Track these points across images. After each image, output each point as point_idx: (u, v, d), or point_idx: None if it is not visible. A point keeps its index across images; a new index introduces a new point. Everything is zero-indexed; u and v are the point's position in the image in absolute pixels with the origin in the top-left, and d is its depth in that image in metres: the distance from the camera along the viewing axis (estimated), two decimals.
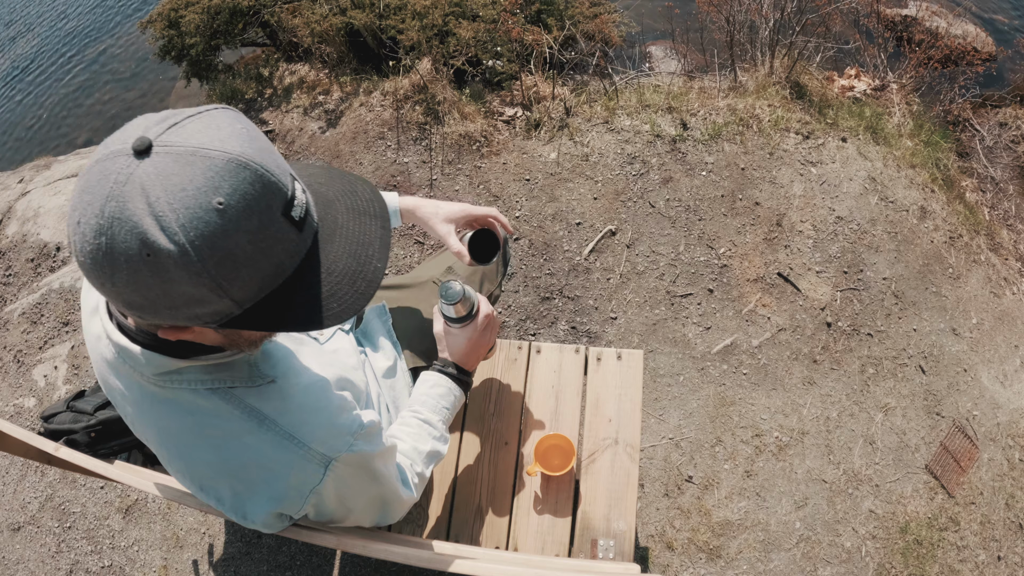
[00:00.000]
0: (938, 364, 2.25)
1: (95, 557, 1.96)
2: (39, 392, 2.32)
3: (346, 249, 0.65)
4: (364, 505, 0.89)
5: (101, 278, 0.54)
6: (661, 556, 1.89)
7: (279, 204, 0.57)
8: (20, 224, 2.89)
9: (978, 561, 1.94)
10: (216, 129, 0.55)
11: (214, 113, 0.56)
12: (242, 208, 0.53)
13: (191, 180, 0.52)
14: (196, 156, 0.52)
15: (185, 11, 3.06)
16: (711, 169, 2.62)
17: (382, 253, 0.67)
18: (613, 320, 2.30)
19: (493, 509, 1.32)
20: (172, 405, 0.74)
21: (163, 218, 0.51)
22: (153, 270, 0.53)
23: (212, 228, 0.52)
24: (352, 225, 0.67)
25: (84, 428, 1.27)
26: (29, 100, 4.43)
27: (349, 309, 0.64)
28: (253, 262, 0.56)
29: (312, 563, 1.88)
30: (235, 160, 0.53)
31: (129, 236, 0.51)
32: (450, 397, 1.10)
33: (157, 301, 0.56)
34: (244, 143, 0.55)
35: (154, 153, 0.52)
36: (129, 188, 0.51)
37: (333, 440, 0.77)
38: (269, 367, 0.77)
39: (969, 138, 3.16)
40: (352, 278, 0.64)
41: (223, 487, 0.78)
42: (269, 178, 0.55)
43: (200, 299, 0.56)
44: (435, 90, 2.83)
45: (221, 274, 0.54)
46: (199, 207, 0.52)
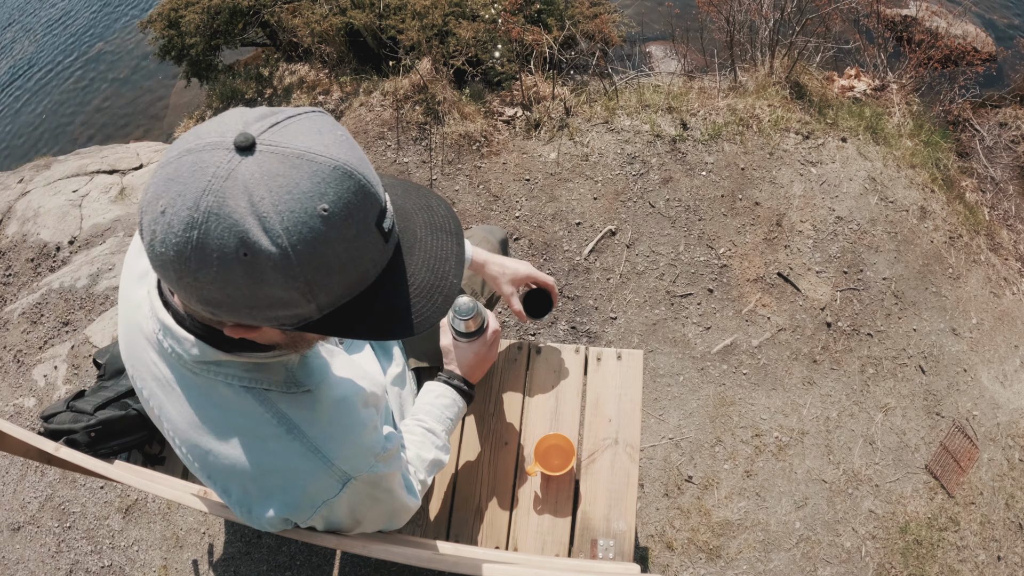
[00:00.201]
0: (938, 364, 2.25)
1: (95, 557, 1.96)
2: (39, 392, 2.32)
3: (425, 263, 0.65)
4: (374, 517, 0.89)
5: (182, 272, 0.53)
6: (661, 556, 1.89)
7: (374, 215, 0.56)
8: (20, 224, 2.89)
9: (978, 561, 1.94)
10: (319, 134, 0.54)
11: (313, 117, 0.56)
12: (344, 216, 0.53)
13: (297, 184, 0.51)
14: (303, 160, 0.52)
15: (185, 11, 3.06)
16: (711, 169, 2.62)
17: (458, 270, 0.67)
18: (613, 320, 2.30)
19: (493, 509, 1.32)
20: (203, 394, 0.73)
21: (267, 219, 0.50)
22: (247, 270, 0.52)
23: (315, 234, 0.52)
24: (430, 240, 0.67)
25: (84, 428, 1.27)
26: (29, 100, 4.43)
27: (425, 322, 0.64)
28: (344, 270, 0.56)
29: (312, 563, 1.88)
30: (341, 168, 0.53)
31: (226, 233, 0.50)
32: (454, 408, 1.12)
33: (240, 301, 0.55)
34: (347, 151, 0.55)
35: (258, 151, 0.51)
36: (231, 184, 0.50)
37: (357, 460, 0.77)
38: (305, 375, 0.77)
39: (969, 138, 3.16)
40: (430, 292, 0.64)
41: (234, 483, 0.78)
42: (369, 188, 0.55)
43: (287, 303, 0.55)
44: (435, 90, 2.83)
45: (315, 280, 0.54)
46: (304, 212, 0.51)
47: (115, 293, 2.54)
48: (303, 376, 0.77)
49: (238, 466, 0.75)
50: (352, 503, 0.81)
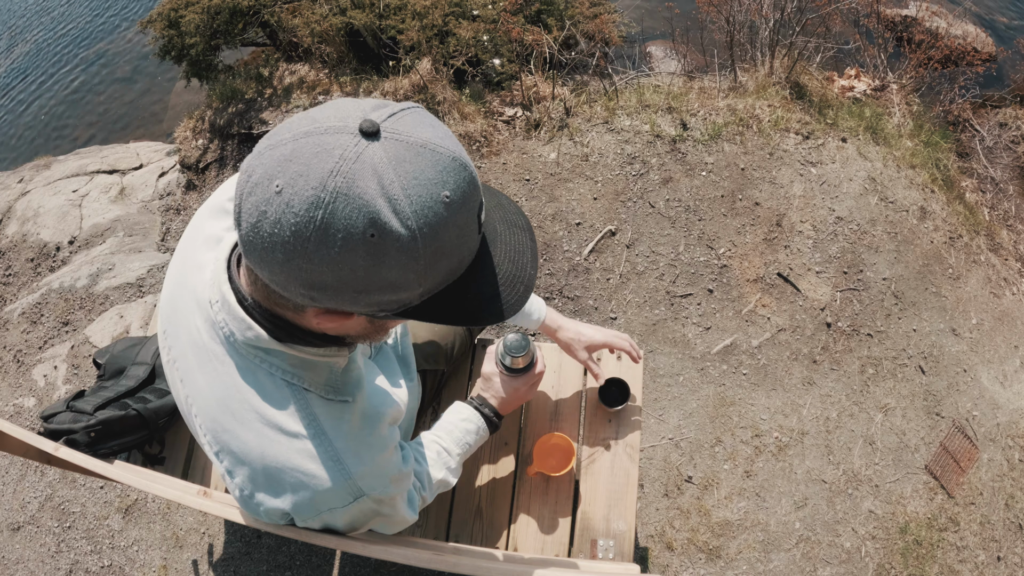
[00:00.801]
0: (938, 364, 2.25)
1: (95, 557, 1.96)
2: (39, 392, 2.32)
3: (506, 255, 0.68)
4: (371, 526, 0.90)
5: (294, 253, 0.53)
6: (661, 556, 1.89)
7: (477, 206, 0.59)
8: (20, 224, 2.89)
9: (978, 561, 1.94)
10: (432, 127, 0.56)
11: (421, 111, 0.58)
12: (460, 204, 0.56)
13: (423, 171, 0.53)
14: (426, 149, 0.54)
15: (185, 11, 3.06)
16: (711, 169, 2.62)
17: (534, 262, 0.70)
18: (613, 320, 2.30)
19: (493, 509, 1.32)
20: (243, 375, 0.73)
21: (397, 201, 0.52)
22: (371, 251, 0.53)
23: (439, 219, 0.54)
24: (507, 234, 0.70)
25: (84, 428, 1.27)
26: (29, 100, 4.43)
27: (511, 308, 0.67)
28: (452, 255, 0.58)
29: (312, 563, 1.88)
30: (458, 160, 0.56)
31: (355, 214, 0.51)
32: (476, 435, 1.12)
33: (351, 284, 0.55)
34: (458, 146, 0.58)
35: (384, 138, 0.53)
36: (359, 167, 0.51)
37: (374, 479, 0.78)
38: (345, 382, 0.78)
39: (969, 138, 3.16)
40: (512, 281, 0.67)
41: (243, 467, 0.76)
42: (477, 182, 0.59)
43: (399, 286, 0.57)
44: (435, 90, 2.83)
45: (431, 263, 0.56)
46: (430, 197, 0.53)
47: (115, 293, 2.54)
48: (344, 382, 0.77)
49: (255, 453, 0.75)
50: (355, 515, 0.81)
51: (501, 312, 0.66)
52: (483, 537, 1.30)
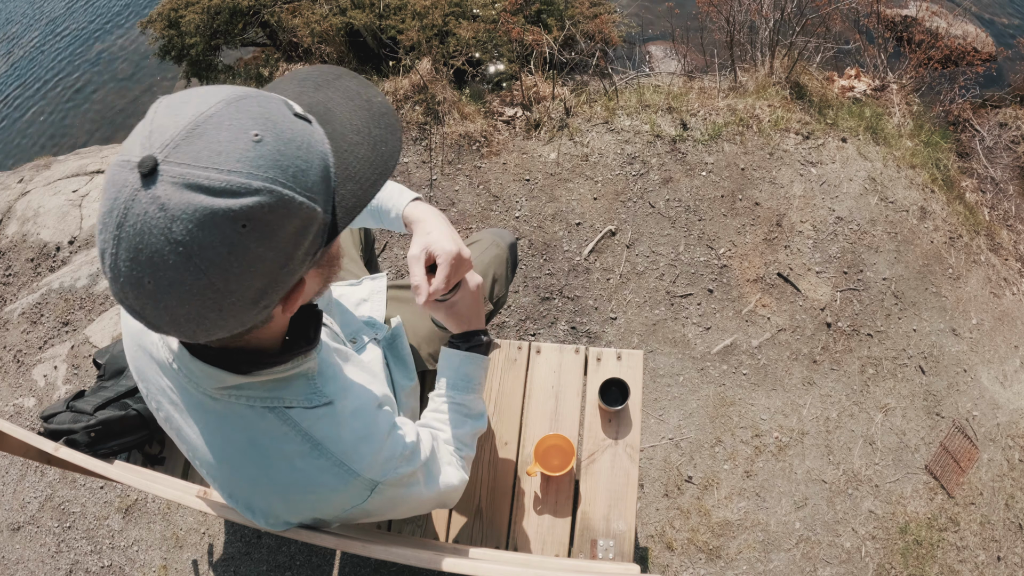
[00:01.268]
0: (938, 364, 2.25)
1: (95, 557, 1.96)
2: (39, 392, 2.32)
3: (344, 108, 0.67)
4: (414, 507, 0.90)
5: (215, 301, 0.54)
6: (661, 556, 1.89)
7: (285, 107, 0.58)
8: (20, 224, 2.89)
9: (978, 561, 1.94)
10: (186, 102, 0.54)
11: (171, 97, 0.56)
12: (271, 126, 0.54)
13: (216, 140, 0.51)
14: (199, 125, 0.52)
15: (185, 11, 3.06)
16: (711, 169, 2.62)
17: (371, 91, 0.69)
18: (613, 320, 2.30)
19: (493, 509, 1.32)
20: (224, 419, 0.74)
21: (229, 185, 0.50)
22: (257, 235, 0.52)
23: (268, 157, 0.53)
24: (331, 93, 0.68)
25: (84, 428, 1.27)
26: (29, 100, 4.43)
27: (394, 142, 0.67)
28: (309, 162, 0.56)
29: (312, 563, 1.88)
30: (229, 99, 0.54)
31: (212, 230, 0.51)
32: (476, 368, 1.07)
33: (274, 265, 0.55)
34: (220, 89, 0.55)
35: (162, 159, 0.51)
36: (174, 198, 0.50)
37: (381, 466, 0.78)
38: (324, 382, 0.78)
39: (969, 138, 3.16)
40: (373, 119, 0.67)
41: (259, 500, 0.79)
42: (264, 95, 0.57)
43: (304, 227, 0.56)
44: (435, 90, 2.83)
45: (304, 187, 0.55)
46: (244, 150, 0.52)
47: None
48: (322, 383, 0.77)
49: (265, 485, 0.76)
50: (381, 504, 0.82)
51: (390, 152, 0.66)
52: (483, 537, 1.30)
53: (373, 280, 1.35)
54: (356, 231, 1.52)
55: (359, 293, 1.30)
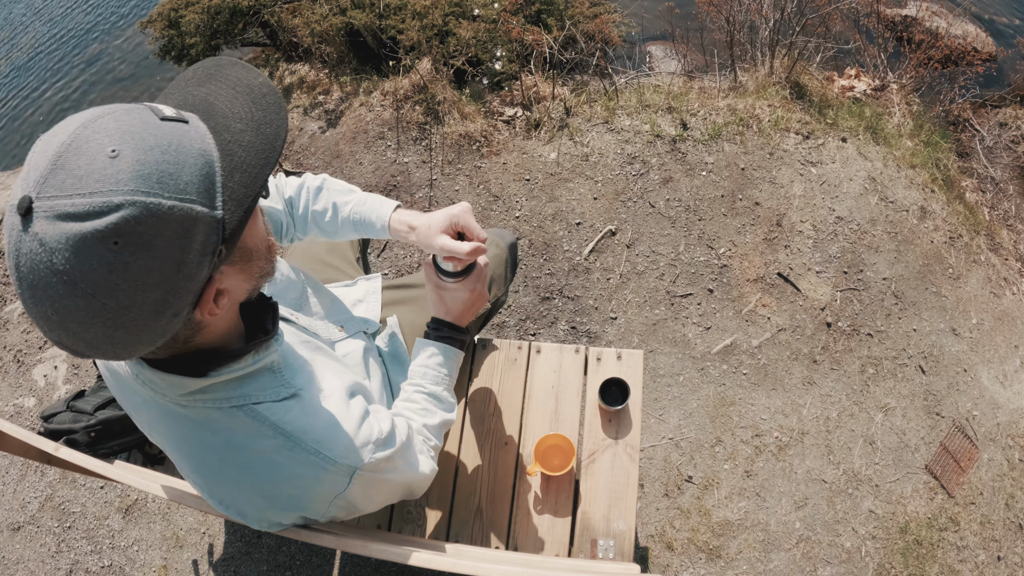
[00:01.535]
0: (938, 364, 2.25)
1: (95, 557, 1.96)
2: (39, 392, 2.32)
3: (226, 97, 0.65)
4: (388, 494, 0.91)
5: (112, 321, 0.54)
6: (661, 556, 1.89)
7: (148, 114, 0.57)
8: None
9: (978, 561, 1.94)
10: (53, 135, 0.55)
11: (43, 136, 0.57)
12: (128, 139, 0.53)
13: (76, 166, 0.52)
14: (61, 156, 0.52)
15: (185, 11, 3.06)
16: (711, 169, 2.62)
17: (251, 73, 0.67)
18: (613, 320, 2.30)
19: (493, 509, 1.32)
20: (195, 424, 0.74)
21: (92, 208, 0.51)
22: (132, 249, 0.52)
23: (127, 170, 0.52)
24: (213, 87, 0.66)
25: (84, 428, 1.27)
26: (29, 100, 4.43)
27: (278, 121, 0.65)
28: (180, 164, 0.56)
29: (312, 563, 1.88)
30: (85, 123, 0.54)
31: (87, 254, 0.51)
32: (451, 363, 1.08)
33: (164, 275, 0.55)
34: (80, 116, 0.56)
35: (36, 198, 0.52)
36: (48, 231, 0.51)
37: (357, 452, 0.79)
38: (291, 374, 0.78)
39: (969, 138, 3.16)
40: (255, 101, 0.65)
41: (246, 502, 0.80)
42: (122, 108, 0.56)
43: (185, 231, 0.55)
44: (435, 90, 2.83)
45: (172, 190, 0.54)
46: (101, 170, 0.52)
47: None
48: (289, 374, 0.78)
49: (247, 485, 0.77)
50: (364, 490, 0.83)
51: (275, 133, 0.64)
52: (483, 537, 1.30)
53: (368, 280, 1.35)
54: None
55: (354, 294, 1.31)
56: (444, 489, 1.35)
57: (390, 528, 1.33)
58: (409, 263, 2.51)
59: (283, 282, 1.02)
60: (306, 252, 1.45)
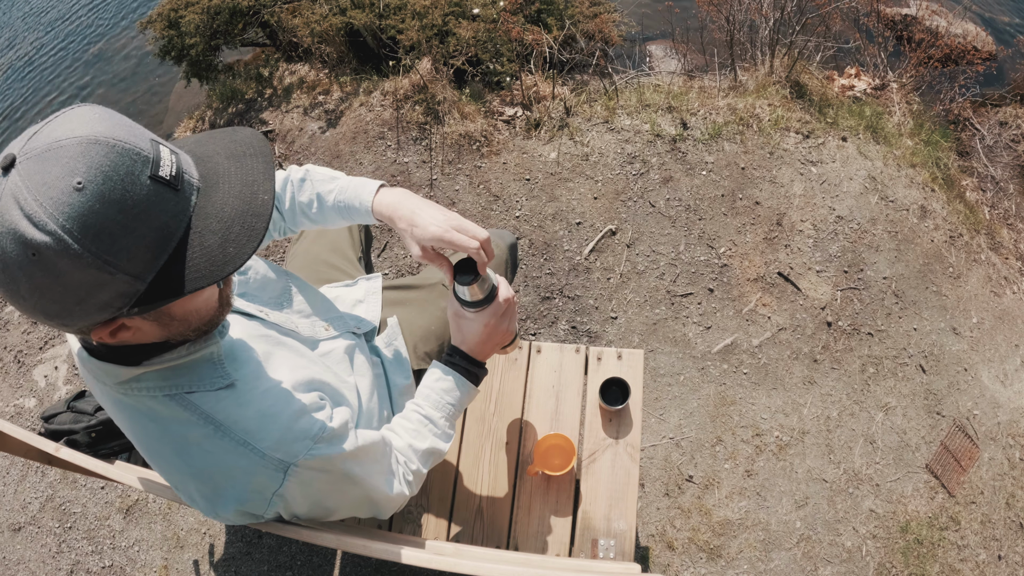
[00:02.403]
0: (938, 363, 2.25)
1: (96, 557, 1.96)
2: (39, 392, 2.32)
3: (231, 192, 0.65)
4: (347, 505, 0.89)
5: (13, 296, 0.57)
6: (662, 556, 1.89)
7: (142, 168, 0.57)
8: None
9: (979, 560, 1.94)
10: (68, 122, 0.57)
11: (69, 111, 0.59)
12: (101, 181, 0.55)
13: (49, 172, 0.54)
14: (51, 150, 0.55)
15: (185, 11, 3.06)
16: (711, 168, 2.62)
17: (267, 185, 0.66)
18: (613, 320, 2.30)
19: (493, 509, 1.32)
20: (135, 411, 0.75)
21: (33, 215, 0.53)
22: (43, 268, 0.55)
23: (77, 208, 0.54)
24: (234, 169, 0.66)
25: (84, 428, 1.27)
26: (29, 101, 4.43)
27: (245, 249, 0.64)
28: (130, 230, 0.57)
29: (312, 563, 1.88)
30: (86, 140, 0.55)
31: (14, 244, 0.54)
32: (456, 392, 1.03)
33: (64, 300, 0.57)
34: (94, 124, 0.57)
35: (18, 163, 0.55)
36: (3, 202, 0.54)
37: (290, 445, 0.77)
38: (234, 367, 0.78)
39: (969, 137, 3.16)
40: (242, 218, 0.64)
41: (191, 488, 0.80)
42: (123, 146, 0.57)
43: (96, 283, 0.57)
44: (435, 90, 2.83)
45: (102, 250, 0.55)
46: (60, 192, 0.54)
47: None
48: (232, 367, 0.78)
49: (187, 471, 0.77)
50: (306, 492, 0.81)
51: (235, 257, 0.63)
52: (484, 537, 1.30)
53: (368, 280, 1.34)
54: (355, 230, 1.52)
55: (354, 294, 1.30)
56: (444, 489, 1.35)
57: (391, 528, 1.33)
58: (410, 263, 2.50)
59: (258, 282, 1.01)
60: (307, 252, 1.45)
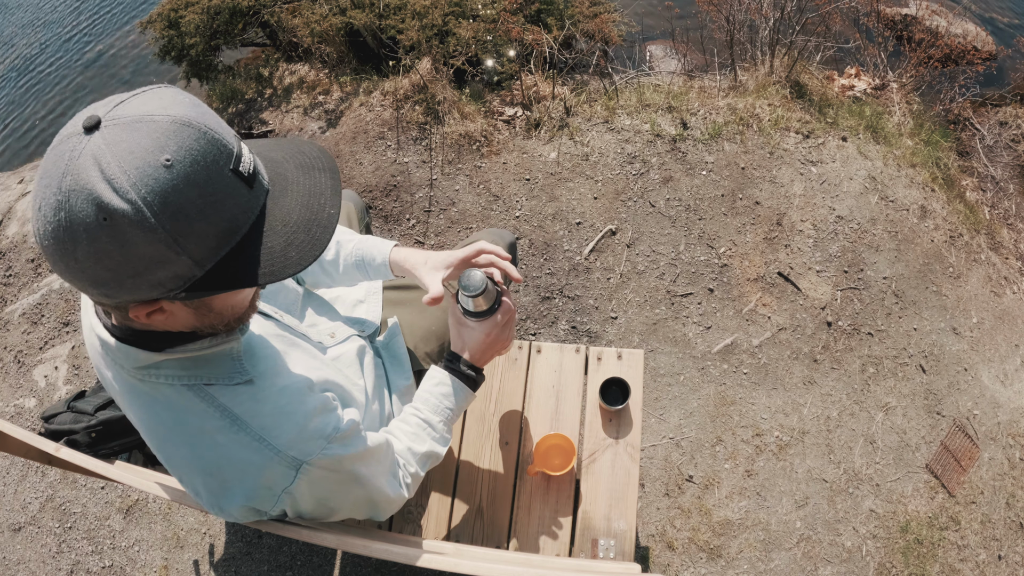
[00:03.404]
0: (938, 363, 2.25)
1: (96, 557, 1.96)
2: (39, 392, 2.32)
3: (298, 201, 0.66)
4: (349, 505, 0.89)
5: (65, 257, 0.56)
6: (662, 556, 1.89)
7: (225, 160, 0.59)
8: (20, 225, 2.89)
9: (979, 560, 1.94)
10: (159, 99, 0.58)
11: (157, 89, 0.60)
12: (189, 163, 0.56)
13: (138, 143, 0.54)
14: (142, 122, 0.55)
15: (185, 11, 3.06)
16: (711, 168, 2.62)
17: (334, 200, 0.68)
18: (613, 320, 2.30)
19: (493, 509, 1.32)
20: (150, 399, 0.75)
21: (115, 180, 0.53)
22: (111, 234, 0.54)
23: (162, 184, 0.55)
24: (303, 179, 0.68)
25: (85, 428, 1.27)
26: (29, 101, 4.43)
27: (307, 255, 0.65)
28: (205, 216, 0.58)
29: (313, 563, 1.88)
30: (179, 121, 0.56)
31: (86, 204, 0.54)
32: (454, 397, 1.05)
33: (120, 270, 0.57)
34: (187, 108, 0.58)
35: (103, 127, 0.55)
36: (82, 161, 0.54)
37: (304, 444, 0.77)
38: (252, 364, 0.78)
39: (969, 137, 3.16)
40: (307, 226, 0.66)
41: (198, 481, 0.79)
42: (213, 135, 0.58)
43: (159, 259, 0.57)
44: (435, 90, 2.83)
45: (176, 229, 0.56)
46: (148, 165, 0.54)
47: None
48: (250, 364, 0.78)
49: (196, 463, 0.77)
50: (314, 490, 0.81)
51: (296, 261, 0.64)
52: (484, 537, 1.30)
53: (369, 281, 1.35)
54: (356, 228, 1.52)
55: (355, 294, 1.30)
56: (445, 489, 1.35)
57: (391, 528, 1.33)
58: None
59: (274, 286, 1.01)
60: None
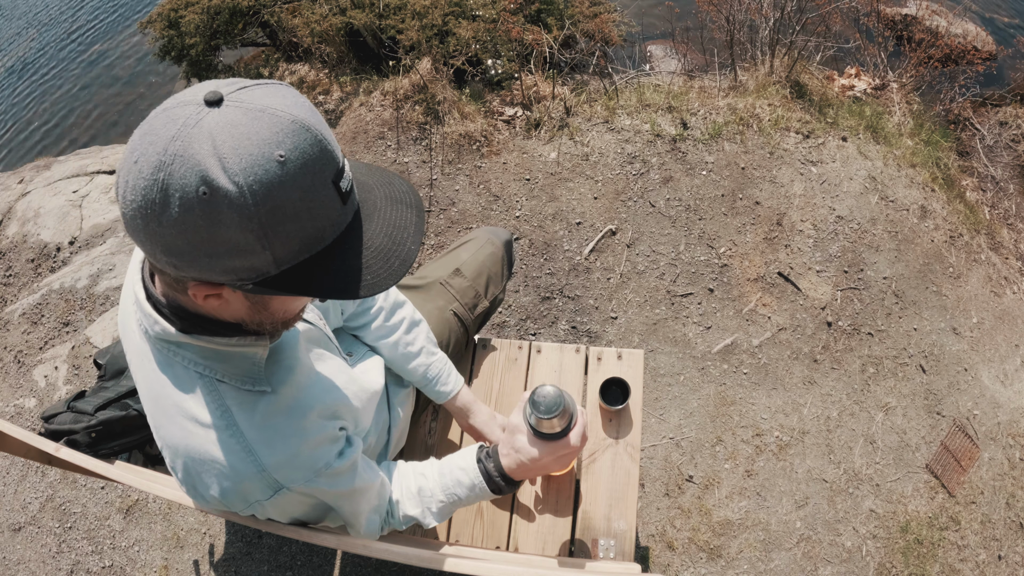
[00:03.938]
0: (939, 363, 2.25)
1: (96, 557, 1.96)
2: (39, 392, 2.32)
3: (383, 229, 0.67)
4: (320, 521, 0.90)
5: (147, 217, 0.56)
6: (662, 556, 1.89)
7: (331, 171, 0.59)
8: (20, 225, 2.89)
9: (979, 560, 1.94)
10: (282, 96, 0.58)
11: (279, 85, 0.60)
12: (300, 165, 0.56)
13: (257, 132, 0.55)
14: (264, 113, 0.56)
15: (185, 11, 3.06)
16: (711, 168, 2.62)
17: (416, 237, 0.69)
18: (613, 320, 2.30)
19: (493, 509, 1.32)
20: (163, 369, 0.76)
21: (226, 160, 0.54)
22: (206, 210, 0.54)
23: (270, 177, 0.55)
24: (389, 210, 0.69)
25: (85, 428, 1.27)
26: (29, 101, 4.44)
27: (382, 283, 0.66)
28: (299, 219, 0.58)
29: (313, 563, 1.88)
30: (299, 122, 0.57)
31: (189, 172, 0.53)
32: (468, 491, 0.99)
33: (199, 246, 0.57)
34: (307, 112, 0.59)
35: (225, 105, 0.55)
36: (197, 131, 0.54)
37: (291, 471, 0.77)
38: (276, 372, 0.78)
39: (969, 137, 3.16)
40: (387, 256, 0.66)
41: (179, 461, 0.79)
42: (325, 145, 0.59)
43: (243, 248, 0.57)
44: (435, 90, 2.83)
45: (269, 223, 0.56)
46: (262, 156, 0.54)
47: (116, 293, 2.54)
48: (270, 372, 0.78)
49: (181, 446, 0.77)
50: (287, 507, 0.82)
51: (369, 285, 0.64)
52: (484, 537, 1.30)
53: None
54: None
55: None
56: None
57: None
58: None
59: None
60: None
